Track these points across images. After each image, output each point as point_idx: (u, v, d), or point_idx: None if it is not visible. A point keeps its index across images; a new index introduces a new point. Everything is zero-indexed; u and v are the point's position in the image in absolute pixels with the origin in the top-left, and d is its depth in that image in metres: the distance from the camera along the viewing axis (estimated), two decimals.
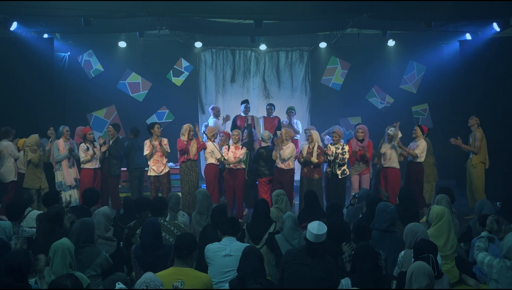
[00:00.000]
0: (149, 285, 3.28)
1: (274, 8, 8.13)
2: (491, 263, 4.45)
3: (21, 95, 9.09)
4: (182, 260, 3.88)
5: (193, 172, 8.01)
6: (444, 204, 5.64)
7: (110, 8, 7.92)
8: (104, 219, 5.04)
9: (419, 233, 4.45)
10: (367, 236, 4.59)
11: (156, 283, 3.32)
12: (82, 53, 10.87)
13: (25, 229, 5.38)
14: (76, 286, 3.24)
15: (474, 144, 8.09)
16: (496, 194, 8.13)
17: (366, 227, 4.71)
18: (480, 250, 4.75)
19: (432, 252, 3.97)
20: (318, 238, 4.19)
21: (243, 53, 11.41)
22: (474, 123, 8.20)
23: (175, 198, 6.18)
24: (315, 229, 4.20)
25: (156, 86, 11.12)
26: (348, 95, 11.41)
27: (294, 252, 4.34)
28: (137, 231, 5.18)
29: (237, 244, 4.55)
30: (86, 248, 4.45)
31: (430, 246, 4.04)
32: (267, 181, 8.06)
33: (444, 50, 11.20)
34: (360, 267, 3.93)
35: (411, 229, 4.57)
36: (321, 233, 4.19)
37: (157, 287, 3.29)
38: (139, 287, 3.29)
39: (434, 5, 8.18)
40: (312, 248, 4.22)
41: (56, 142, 7.99)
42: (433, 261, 3.89)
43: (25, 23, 8.98)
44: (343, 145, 7.91)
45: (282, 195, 6.35)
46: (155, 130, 8.05)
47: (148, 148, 7.94)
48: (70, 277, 3.30)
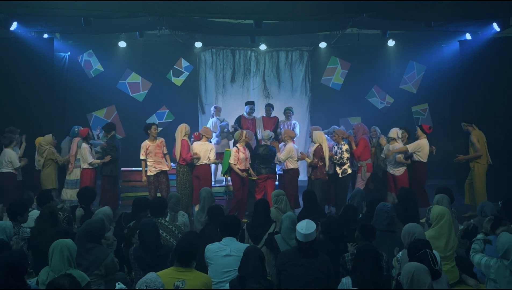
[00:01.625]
0: (149, 285, 3.28)
1: (274, 8, 8.13)
2: (488, 263, 4.45)
3: (21, 95, 9.08)
4: (181, 263, 3.89)
5: (186, 173, 7.98)
6: (445, 204, 5.64)
7: (110, 8, 7.92)
8: (105, 218, 5.04)
9: (416, 234, 4.42)
10: (372, 235, 4.59)
11: (156, 283, 3.32)
12: (82, 53, 10.88)
13: (25, 229, 5.39)
14: (73, 286, 3.23)
15: (473, 149, 8.12)
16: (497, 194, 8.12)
17: (371, 226, 4.72)
18: (475, 252, 4.75)
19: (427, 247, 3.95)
20: (307, 237, 4.19)
21: (243, 53, 11.41)
22: (467, 128, 8.27)
23: (175, 198, 6.16)
24: (303, 228, 4.21)
25: (156, 86, 11.12)
26: (348, 95, 11.42)
27: (288, 254, 4.33)
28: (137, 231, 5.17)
29: (237, 244, 4.54)
30: (96, 248, 4.46)
31: (424, 243, 4.02)
32: (263, 179, 7.98)
33: (444, 50, 11.20)
34: (361, 267, 3.93)
35: (409, 229, 4.56)
36: (310, 232, 4.20)
37: (157, 287, 3.29)
38: (139, 287, 3.29)
39: (434, 5, 8.18)
40: (302, 248, 4.23)
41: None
42: (431, 255, 3.87)
43: (25, 23, 8.98)
44: (342, 145, 7.93)
45: (282, 195, 6.35)
46: (152, 131, 7.96)
47: (144, 153, 7.89)
48: (67, 277, 3.29)
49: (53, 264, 3.94)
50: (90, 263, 4.36)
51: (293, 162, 7.99)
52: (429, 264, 3.79)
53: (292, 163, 7.99)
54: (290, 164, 7.96)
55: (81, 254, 4.35)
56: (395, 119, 10.22)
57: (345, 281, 3.95)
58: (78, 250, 4.34)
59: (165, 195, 7.56)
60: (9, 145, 7.84)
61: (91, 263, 4.36)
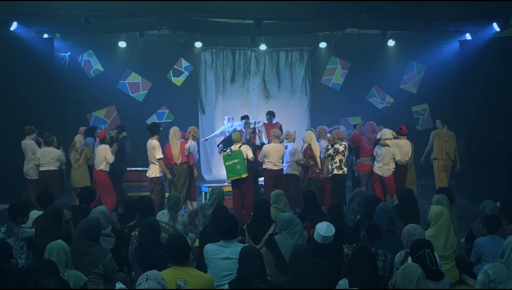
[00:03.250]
0: (150, 277, 3.30)
1: (274, 8, 8.14)
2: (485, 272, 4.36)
3: (21, 95, 9.07)
4: (178, 262, 3.89)
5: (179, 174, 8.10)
6: (444, 204, 5.64)
7: (110, 8, 7.93)
8: (102, 216, 5.05)
9: (416, 236, 4.42)
10: (379, 234, 4.61)
11: (157, 276, 3.33)
12: (82, 53, 10.87)
13: (25, 229, 5.37)
14: (61, 286, 3.23)
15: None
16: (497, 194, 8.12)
17: (378, 226, 4.74)
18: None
19: (427, 247, 3.95)
20: (325, 240, 4.21)
21: (243, 53, 11.41)
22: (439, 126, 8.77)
23: (175, 198, 6.15)
24: (323, 229, 4.22)
25: (156, 86, 11.12)
26: (348, 95, 11.42)
27: (301, 249, 4.36)
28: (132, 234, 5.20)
29: (236, 247, 4.43)
30: (94, 247, 4.46)
31: (425, 243, 4.02)
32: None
33: (444, 50, 11.20)
34: (357, 269, 3.93)
35: (409, 230, 4.57)
36: (328, 235, 4.21)
37: (158, 280, 3.30)
38: (140, 280, 3.31)
39: (434, 5, 8.18)
40: (318, 248, 4.23)
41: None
42: (429, 255, 3.88)
43: (25, 23, 8.98)
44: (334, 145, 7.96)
45: (281, 196, 6.35)
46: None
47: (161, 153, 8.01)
48: (54, 278, 3.29)
49: None
50: (90, 262, 4.35)
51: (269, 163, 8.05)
52: (427, 264, 3.80)
53: (269, 164, 8.06)
54: (268, 164, 8.06)
55: (81, 254, 4.36)
56: (395, 119, 10.20)
57: (342, 282, 3.95)
58: (78, 250, 4.36)
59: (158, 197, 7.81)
60: (52, 144, 8.06)
61: (90, 262, 4.35)
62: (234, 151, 7.92)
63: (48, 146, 8.02)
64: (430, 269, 3.79)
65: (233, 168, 7.83)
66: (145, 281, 3.28)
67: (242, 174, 7.82)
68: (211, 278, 4.00)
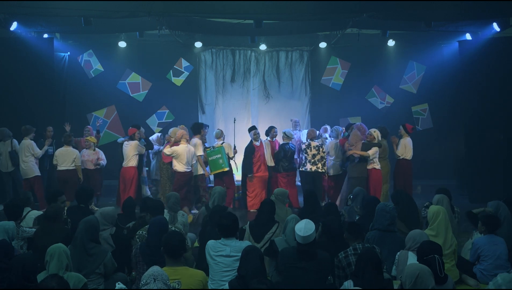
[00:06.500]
0: (157, 277, 3.31)
1: (274, 8, 8.14)
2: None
3: (21, 95, 9.09)
4: (173, 260, 3.91)
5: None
6: (445, 204, 5.64)
7: (110, 8, 7.93)
8: (102, 218, 5.04)
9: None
10: (360, 233, 4.62)
11: (163, 276, 3.35)
12: (82, 53, 10.88)
13: (25, 229, 5.36)
14: (61, 286, 3.24)
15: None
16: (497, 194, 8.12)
17: (357, 224, 4.75)
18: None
19: (437, 253, 3.94)
20: (306, 240, 4.16)
21: (243, 53, 11.41)
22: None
23: (174, 198, 6.12)
24: (301, 230, 4.16)
25: (156, 86, 11.11)
26: (348, 95, 11.41)
27: (287, 254, 4.30)
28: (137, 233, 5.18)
29: (237, 244, 4.49)
30: (96, 248, 4.47)
31: (435, 247, 4.00)
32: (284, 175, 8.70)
33: (444, 50, 11.19)
34: (362, 271, 3.90)
35: (414, 237, 4.58)
36: (308, 234, 4.15)
37: (164, 280, 3.32)
38: (147, 280, 3.31)
39: (434, 5, 8.18)
40: (302, 249, 4.20)
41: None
42: (439, 261, 3.86)
43: (25, 23, 8.98)
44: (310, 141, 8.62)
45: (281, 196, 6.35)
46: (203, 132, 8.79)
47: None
48: (55, 277, 3.30)
49: (51, 270, 3.95)
50: (93, 263, 4.37)
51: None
52: (436, 269, 3.79)
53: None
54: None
55: (84, 255, 4.38)
56: (395, 119, 10.21)
57: (347, 284, 3.92)
58: (81, 251, 4.37)
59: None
60: (71, 143, 8.40)
61: (93, 263, 4.37)
62: (216, 147, 8.52)
63: (68, 145, 8.30)
64: (438, 275, 3.78)
65: (216, 163, 8.45)
66: (153, 282, 3.28)
67: (224, 167, 8.45)
68: (204, 274, 4.04)
